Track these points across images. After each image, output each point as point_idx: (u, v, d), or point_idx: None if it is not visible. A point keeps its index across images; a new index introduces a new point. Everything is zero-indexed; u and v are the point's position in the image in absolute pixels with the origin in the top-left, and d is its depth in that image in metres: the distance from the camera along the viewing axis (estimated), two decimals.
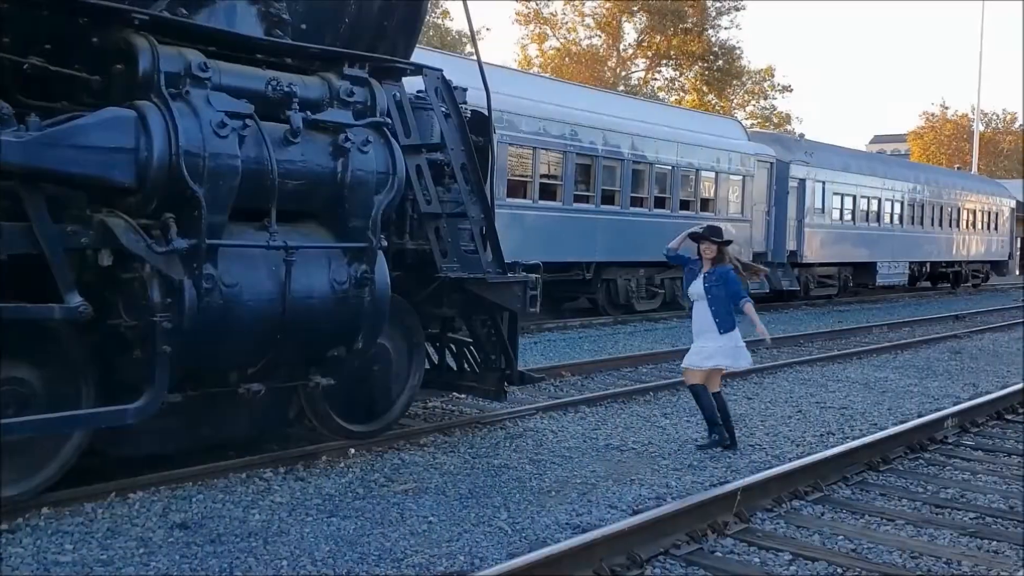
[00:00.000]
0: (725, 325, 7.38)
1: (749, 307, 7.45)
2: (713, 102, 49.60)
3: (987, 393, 9.99)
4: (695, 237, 7.70)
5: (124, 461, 5.85)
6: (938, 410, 8.87)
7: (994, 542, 5.44)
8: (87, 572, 4.55)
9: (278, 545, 4.99)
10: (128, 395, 5.34)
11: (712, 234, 7.67)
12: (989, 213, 35.38)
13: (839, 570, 4.91)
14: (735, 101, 52.88)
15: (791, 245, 23.47)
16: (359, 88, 6.45)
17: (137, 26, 5.41)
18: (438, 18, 43.16)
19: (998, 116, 77.47)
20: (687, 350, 7.28)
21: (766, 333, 7.59)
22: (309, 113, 6.06)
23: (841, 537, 5.44)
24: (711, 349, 7.39)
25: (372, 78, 6.60)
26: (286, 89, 5.98)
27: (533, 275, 7.75)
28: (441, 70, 7.46)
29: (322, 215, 6.26)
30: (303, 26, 6.69)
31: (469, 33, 8.71)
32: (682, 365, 7.67)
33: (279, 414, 6.72)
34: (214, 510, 5.52)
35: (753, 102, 54.37)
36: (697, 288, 7.51)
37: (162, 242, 5.27)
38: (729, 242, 7.86)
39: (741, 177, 21.92)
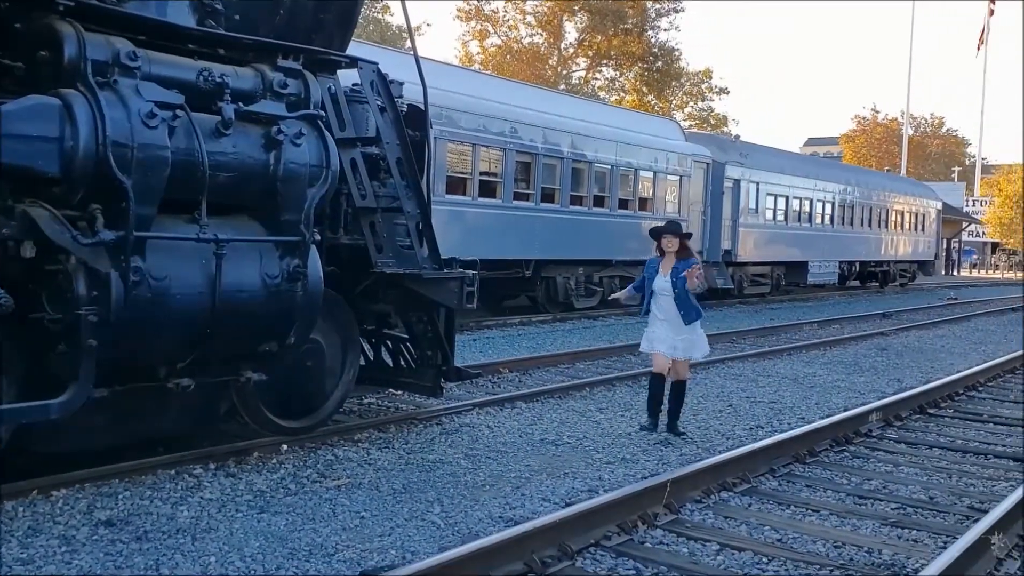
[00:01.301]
0: (690, 316, 7.62)
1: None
2: (652, 103, 50.14)
3: (911, 388, 10.29)
4: (655, 233, 7.86)
5: (48, 458, 5.71)
6: (864, 404, 9.10)
7: (914, 531, 5.62)
8: (7, 571, 4.43)
9: (206, 542, 4.93)
10: (52, 390, 5.21)
11: (673, 228, 7.81)
12: (916, 215, 36.39)
13: (765, 560, 5.02)
14: (674, 102, 53.52)
15: (726, 244, 23.86)
16: (293, 80, 6.38)
17: (62, 12, 5.28)
18: (378, 13, 42.91)
19: (926, 120, 79.92)
20: (627, 346, 7.48)
21: (696, 276, 7.62)
22: (241, 105, 5.97)
23: (768, 528, 5.56)
24: (675, 340, 7.62)
25: (306, 70, 6.54)
26: (218, 80, 5.89)
27: (470, 271, 7.76)
28: (377, 63, 7.42)
29: (254, 208, 6.18)
30: (237, 17, 6.61)
31: (407, 27, 8.68)
32: (658, 350, 7.70)
33: (210, 410, 6.62)
34: (141, 507, 5.43)
35: (691, 103, 55.12)
36: (662, 284, 7.65)
37: (88, 234, 5.16)
38: (690, 235, 8.04)
39: (678, 177, 22.21)
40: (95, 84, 5.24)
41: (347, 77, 7.39)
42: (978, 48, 61.43)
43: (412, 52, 8.30)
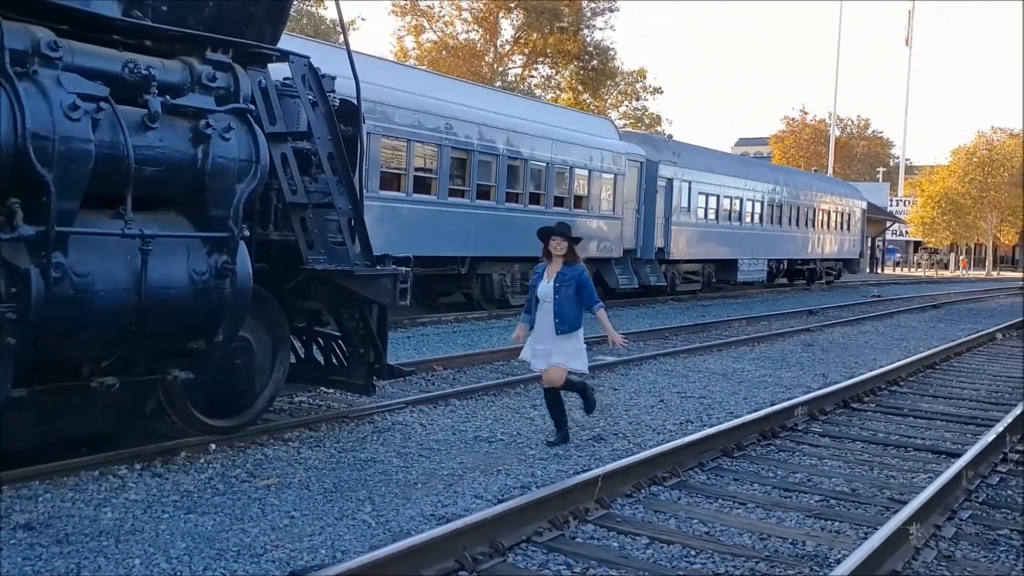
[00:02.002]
0: (564, 326, 7.18)
1: (602, 314, 7.36)
2: (588, 101, 50.47)
3: (835, 383, 10.55)
4: (543, 234, 7.41)
5: None
6: (790, 399, 9.30)
7: (836, 523, 5.76)
8: None
9: (131, 544, 4.82)
10: None
11: (562, 230, 7.36)
12: (843, 214, 37.33)
13: (693, 552, 5.10)
14: (608, 101, 53.95)
15: (659, 242, 24.17)
16: (222, 73, 6.28)
17: None
18: (311, 5, 42.37)
19: (853, 122, 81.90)
20: None
21: (618, 340, 7.56)
22: (168, 98, 5.87)
23: (696, 521, 5.65)
24: (549, 348, 7.23)
25: (236, 63, 6.44)
26: (144, 72, 5.77)
27: (403, 268, 7.71)
28: (308, 57, 7.34)
29: (182, 203, 6.07)
30: (164, 8, 6.47)
31: (340, 21, 8.59)
32: (539, 368, 7.36)
33: (136, 409, 6.47)
34: (62, 509, 5.29)
35: (626, 102, 55.59)
36: (546, 290, 7.25)
37: (7, 229, 5.02)
38: (579, 239, 7.55)
39: (613, 175, 22.41)
40: (14, 74, 5.09)
41: (278, 71, 7.30)
42: (906, 43, 63.23)
43: (345, 46, 8.22)
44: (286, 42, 7.94)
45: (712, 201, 26.95)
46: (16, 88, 5.06)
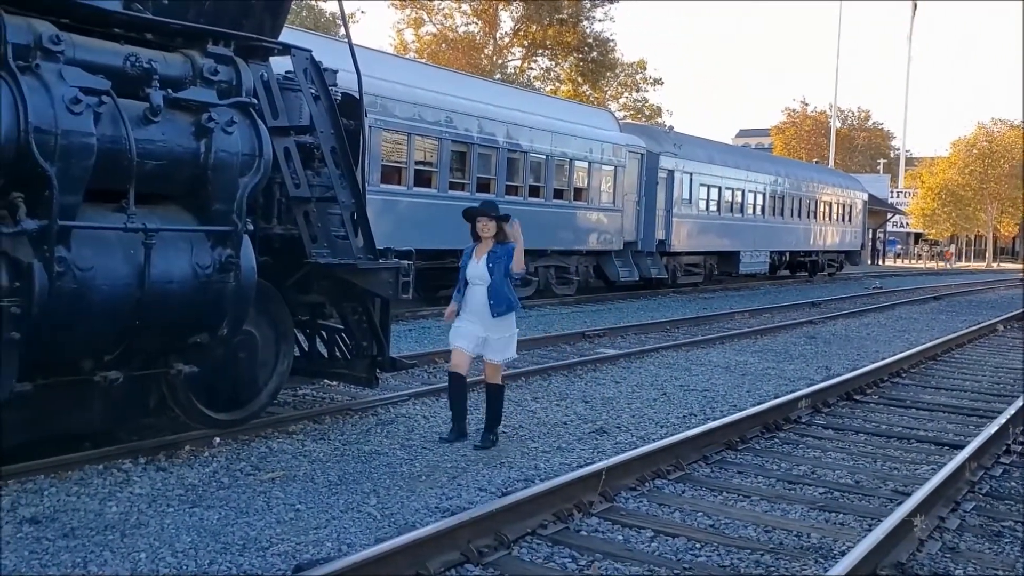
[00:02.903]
0: (500, 308, 6.85)
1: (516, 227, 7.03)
2: (587, 93, 50.41)
3: (838, 375, 10.55)
4: (468, 215, 7.05)
5: None
6: (793, 392, 9.30)
7: (840, 515, 5.77)
8: None
9: (136, 537, 4.83)
10: None
11: (487, 210, 6.96)
12: (844, 205, 37.30)
13: (697, 545, 5.11)
14: (608, 93, 53.89)
15: (660, 234, 24.14)
16: (223, 67, 6.26)
17: None
18: None
19: (853, 113, 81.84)
20: (562, 336, 7.22)
21: (520, 265, 7.01)
22: (170, 91, 5.85)
23: (700, 513, 5.65)
24: (482, 335, 6.88)
25: (237, 57, 6.42)
26: (146, 66, 5.76)
27: (406, 261, 7.71)
28: (310, 50, 7.32)
29: (184, 197, 6.06)
30: (165, 1, 6.44)
31: (341, 14, 8.57)
32: (459, 346, 6.94)
33: (139, 403, 6.47)
34: (68, 503, 5.29)
35: (626, 94, 55.55)
36: (478, 270, 6.90)
37: (9, 223, 5.01)
38: (507, 217, 7.07)
39: (613, 167, 22.38)
40: (16, 69, 5.08)
41: (280, 65, 7.28)
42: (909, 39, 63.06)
43: (347, 40, 8.20)
44: (287, 35, 7.92)
45: (714, 193, 26.92)
46: (19, 82, 5.05)
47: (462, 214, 7.26)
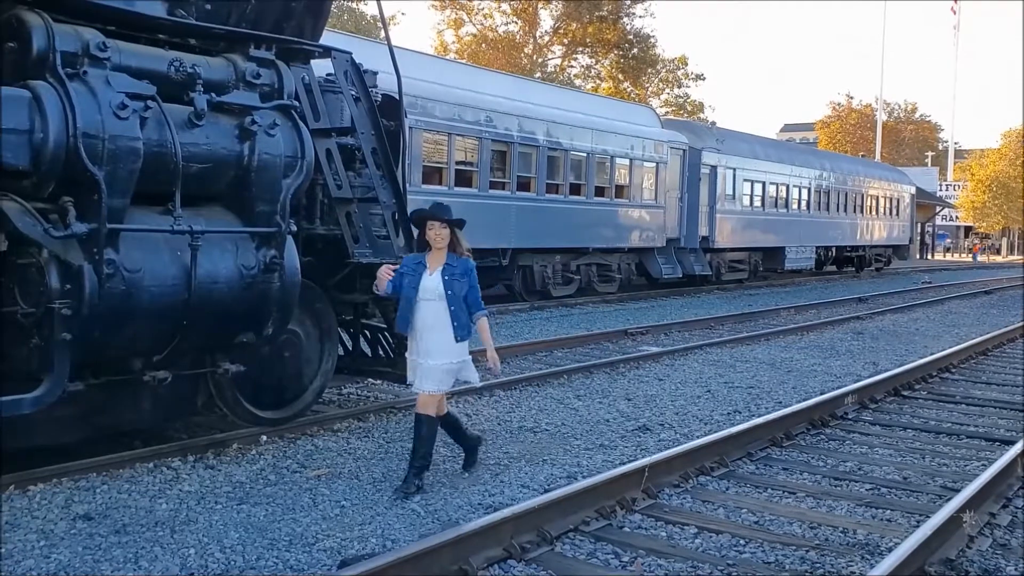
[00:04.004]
0: (463, 332, 5.81)
1: (485, 323, 5.92)
2: (628, 90, 50.18)
3: (886, 371, 10.40)
4: (417, 219, 6.02)
5: (22, 453, 5.67)
6: (839, 388, 9.18)
7: (887, 511, 5.69)
8: None
9: (185, 534, 4.92)
10: (25, 384, 5.17)
11: (437, 213, 5.87)
12: (891, 199, 36.70)
13: (742, 542, 5.07)
14: (650, 89, 53.57)
15: (703, 231, 23.96)
16: (265, 70, 6.35)
17: (30, 3, 5.23)
18: (352, 2, 42.63)
19: (900, 106, 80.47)
20: (604, 334, 6.99)
21: (497, 362, 5.99)
22: (214, 95, 5.94)
23: (745, 510, 5.61)
24: (444, 364, 5.80)
25: (279, 60, 6.51)
26: (190, 70, 5.86)
27: None
28: (350, 53, 7.39)
29: (229, 199, 6.16)
30: (208, 6, 6.56)
31: (380, 17, 8.64)
32: (418, 389, 5.90)
33: (187, 402, 6.60)
34: (119, 500, 5.41)
35: (667, 90, 55.16)
36: (432, 284, 5.77)
37: (60, 226, 5.12)
38: (461, 222, 6.01)
39: (655, 164, 22.26)
40: (65, 75, 5.20)
41: (321, 67, 7.36)
42: (955, 29, 61.74)
43: (386, 42, 8.27)
44: (328, 38, 8.01)
45: (758, 188, 26.63)
46: (67, 89, 5.17)
47: (409, 218, 6.46)
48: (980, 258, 57.62)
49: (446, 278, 5.78)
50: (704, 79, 73.04)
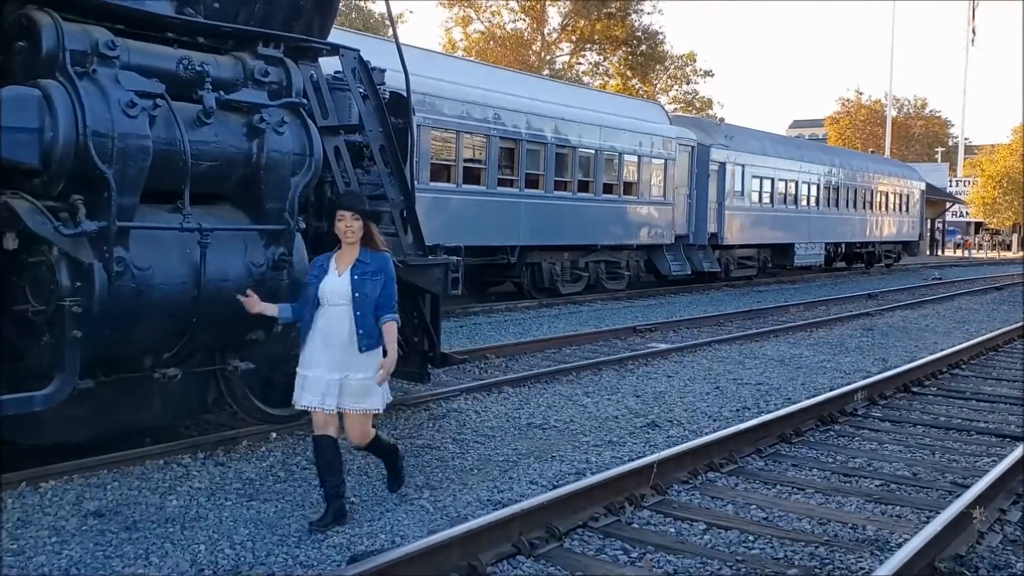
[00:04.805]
0: (370, 340, 5.03)
1: (392, 327, 5.11)
2: (637, 87, 50.11)
3: (895, 367, 10.37)
4: (328, 210, 5.35)
5: (30, 450, 5.70)
6: (849, 384, 9.17)
7: (897, 507, 5.68)
8: None
9: (196, 530, 4.94)
10: (36, 382, 5.20)
11: (351, 204, 5.18)
12: (901, 195, 36.56)
13: (751, 538, 5.07)
14: (658, 86, 53.51)
15: (712, 228, 23.91)
16: (274, 68, 6.37)
17: (39, 2, 5.25)
18: (360, 0, 42.66)
19: (909, 102, 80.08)
20: (612, 331, 6.83)
21: (388, 370, 5.09)
22: (222, 93, 5.96)
23: (754, 506, 5.61)
24: (339, 379, 5.01)
25: (287, 58, 6.52)
26: (198, 68, 5.87)
27: (454, 258, 7.76)
28: (358, 50, 7.40)
29: (238, 197, 6.18)
30: (216, 4, 6.57)
31: (388, 14, 8.65)
32: (306, 405, 5.10)
33: (197, 399, 6.62)
34: (130, 497, 5.43)
35: (676, 87, 55.13)
36: (338, 287, 5.04)
37: (70, 224, 5.14)
38: (379, 215, 5.51)
39: (663, 161, 22.22)
40: (74, 74, 5.22)
41: (329, 65, 7.37)
42: (972, 33, 61.28)
43: (394, 39, 8.28)
44: (336, 36, 8.02)
45: (766, 184, 26.56)
46: (77, 87, 5.19)
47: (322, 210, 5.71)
48: (975, 254, 57.35)
49: (355, 278, 5.03)
50: (712, 75, 72.60)
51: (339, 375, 4.99)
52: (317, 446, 5.16)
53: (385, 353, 5.09)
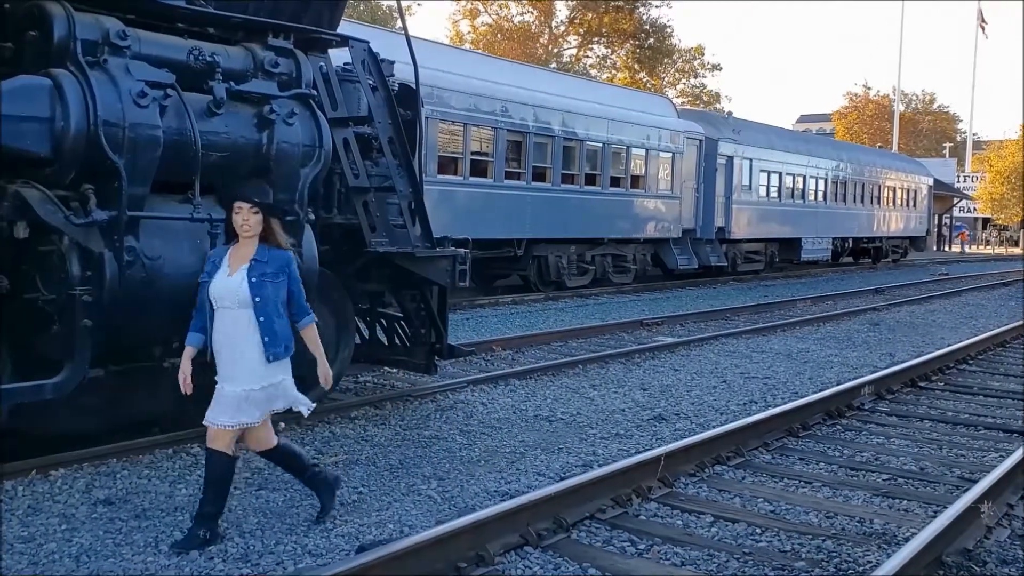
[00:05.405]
0: (276, 348, 4.58)
1: (313, 331, 4.78)
2: (644, 80, 49.99)
3: (903, 362, 10.35)
4: (226, 200, 4.91)
5: (40, 439, 5.72)
6: (856, 379, 9.16)
7: (904, 501, 5.68)
8: (7, 549, 4.47)
9: None
10: (46, 370, 5.23)
11: (246, 195, 4.70)
12: (908, 191, 36.45)
13: (758, 530, 5.08)
14: (666, 79, 53.38)
15: (719, 222, 23.88)
16: (284, 59, 6.38)
17: None
18: None
19: (917, 97, 79.84)
20: (619, 324, 6.72)
21: (328, 378, 4.87)
22: (233, 84, 5.98)
23: (761, 499, 5.62)
24: (247, 391, 4.58)
25: (297, 49, 6.53)
26: (209, 59, 5.89)
27: (462, 250, 7.78)
28: (368, 42, 7.40)
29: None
30: None
31: (397, 7, 8.66)
32: (208, 421, 4.69)
33: (206, 389, 6.62)
34: (139, 485, 5.46)
35: (683, 80, 54.96)
36: (230, 288, 4.56)
37: (81, 214, 5.17)
38: (282, 212, 5.14)
39: (671, 154, 22.18)
40: (85, 64, 5.24)
41: (338, 57, 7.38)
42: (982, 28, 60.94)
43: (403, 31, 8.27)
44: (344, 28, 8.02)
45: (774, 179, 26.50)
46: (88, 77, 5.21)
47: (218, 199, 5.51)
48: (968, 248, 57.14)
49: (253, 279, 4.54)
50: (720, 69, 72.50)
51: (248, 387, 4.55)
52: (212, 460, 4.65)
53: (284, 351, 4.59)
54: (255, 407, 4.62)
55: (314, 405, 4.92)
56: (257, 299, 4.53)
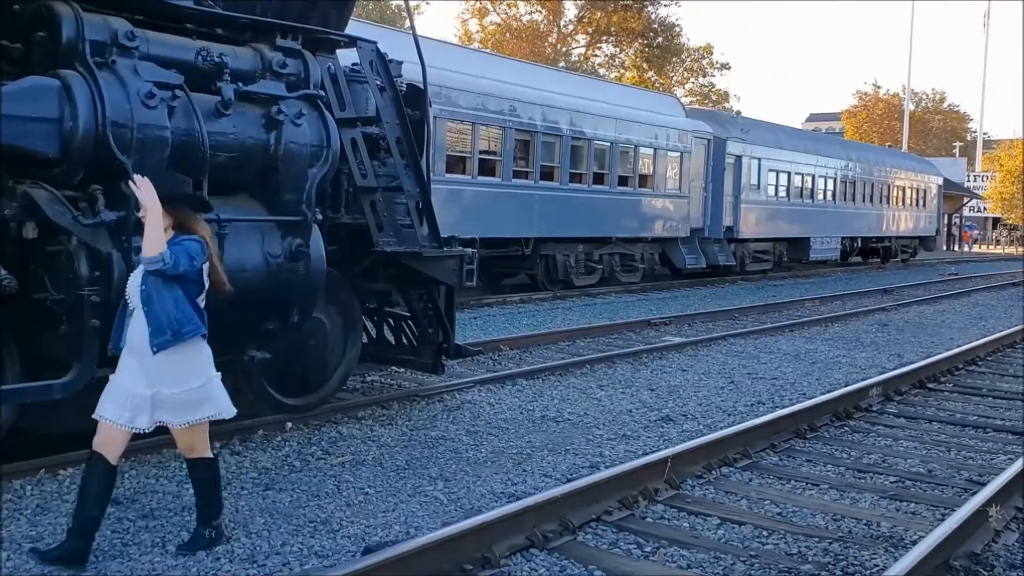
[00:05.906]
0: (160, 336, 4.24)
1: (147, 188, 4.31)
2: (653, 79, 49.93)
3: (911, 363, 10.32)
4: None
5: (47, 439, 5.74)
6: (864, 380, 9.13)
7: (912, 504, 5.66)
8: (16, 548, 4.49)
9: None
10: (54, 370, 5.25)
11: (174, 186, 4.59)
12: (918, 190, 36.30)
13: (765, 533, 5.07)
14: (674, 78, 53.31)
15: (727, 221, 23.82)
16: (292, 60, 6.38)
17: None
18: None
19: (927, 96, 79.56)
20: (626, 324, 6.62)
21: (149, 209, 4.31)
22: (241, 84, 5.98)
23: (768, 502, 5.60)
24: (148, 391, 4.28)
25: (305, 50, 6.54)
26: (217, 60, 5.89)
27: (469, 249, 7.78)
28: (375, 42, 7.41)
29: (255, 188, 6.20)
30: None
31: (405, 7, 8.65)
32: (109, 419, 4.34)
33: None
34: (147, 485, 5.48)
35: (692, 79, 54.89)
36: (131, 283, 4.40)
37: (89, 214, 5.18)
38: (200, 200, 4.85)
39: (679, 153, 22.14)
40: (93, 65, 5.25)
41: (346, 57, 7.38)
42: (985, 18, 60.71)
43: (411, 31, 8.28)
44: (352, 28, 8.03)
45: (783, 178, 26.41)
46: (96, 78, 5.22)
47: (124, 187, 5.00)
48: (991, 249, 56.88)
49: (147, 273, 4.28)
50: (729, 68, 72.22)
51: (150, 390, 4.26)
52: (89, 468, 4.31)
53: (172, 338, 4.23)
54: (166, 410, 4.38)
55: (230, 410, 4.64)
56: (143, 287, 4.31)
